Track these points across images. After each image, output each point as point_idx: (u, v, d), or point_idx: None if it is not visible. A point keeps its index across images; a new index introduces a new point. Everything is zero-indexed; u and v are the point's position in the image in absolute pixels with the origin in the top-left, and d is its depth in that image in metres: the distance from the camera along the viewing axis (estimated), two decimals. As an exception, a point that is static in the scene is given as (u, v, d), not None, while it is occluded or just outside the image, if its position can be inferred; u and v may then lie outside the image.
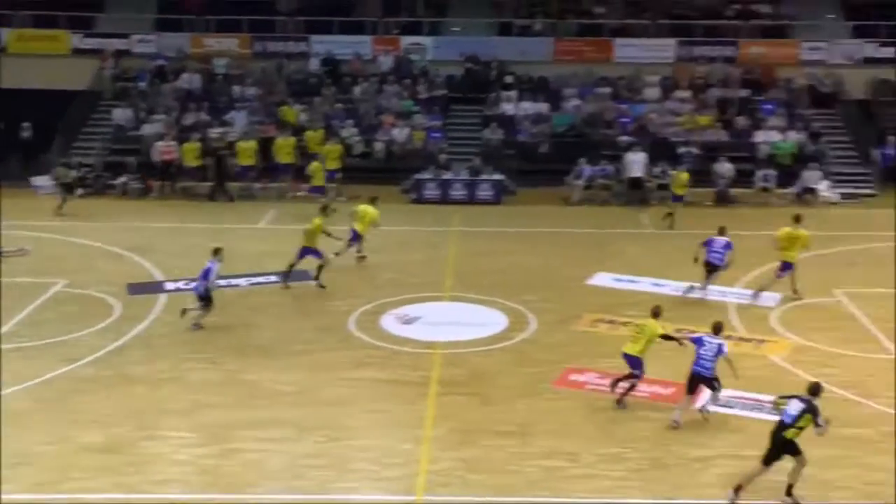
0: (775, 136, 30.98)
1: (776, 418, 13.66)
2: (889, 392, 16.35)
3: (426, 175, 30.37)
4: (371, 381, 16.76)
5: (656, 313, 16.17)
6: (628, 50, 35.11)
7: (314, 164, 28.70)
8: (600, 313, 19.97)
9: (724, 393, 16.02)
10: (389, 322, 19.44)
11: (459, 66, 35.26)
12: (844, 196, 29.17)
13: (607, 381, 16.44)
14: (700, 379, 15.33)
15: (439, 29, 37.04)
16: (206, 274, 18.94)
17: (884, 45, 34.29)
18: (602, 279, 22.23)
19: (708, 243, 20.96)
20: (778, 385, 16.32)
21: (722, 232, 21.32)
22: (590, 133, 32.14)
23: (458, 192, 29.95)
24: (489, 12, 37.31)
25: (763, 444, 14.40)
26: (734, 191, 29.24)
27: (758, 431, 14.94)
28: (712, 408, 15.48)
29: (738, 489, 13.01)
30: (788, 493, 13.02)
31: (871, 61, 34.41)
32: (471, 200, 29.81)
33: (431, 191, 30.10)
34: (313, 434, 14.69)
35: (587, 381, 16.69)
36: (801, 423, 12.93)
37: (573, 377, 16.88)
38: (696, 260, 20.92)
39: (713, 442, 14.67)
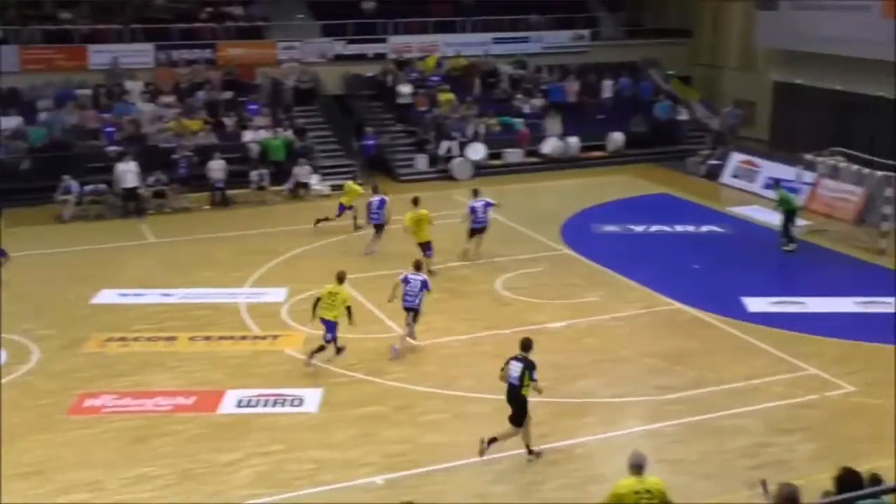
0: (264, 135, 31.63)
1: (294, 409, 13.93)
2: (397, 367, 17.44)
3: None
4: None
5: (341, 278, 17.59)
6: (104, 56, 33.81)
7: None
8: (109, 332, 19.13)
9: (247, 393, 16.22)
10: None
11: None
12: (334, 188, 30.48)
13: (125, 402, 15.95)
14: (410, 311, 18.00)
15: None
16: None
17: (351, 42, 36.33)
18: (107, 296, 21.30)
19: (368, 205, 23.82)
20: (298, 377, 16.82)
21: (375, 190, 24.36)
22: (74, 145, 30.57)
23: (-71, 222, 26.99)
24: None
25: (286, 436, 14.84)
26: (230, 192, 29.41)
27: (285, 425, 15.30)
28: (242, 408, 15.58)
29: (491, 441, 13.98)
30: (529, 451, 14.20)
31: (341, 58, 36.26)
32: (-54, 229, 27.06)
33: None
34: None
35: (104, 405, 15.94)
36: (526, 381, 13.87)
37: (88, 402, 16.04)
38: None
39: (240, 444, 14.70)
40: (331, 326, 17.28)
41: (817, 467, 13.59)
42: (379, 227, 23.92)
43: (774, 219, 25.46)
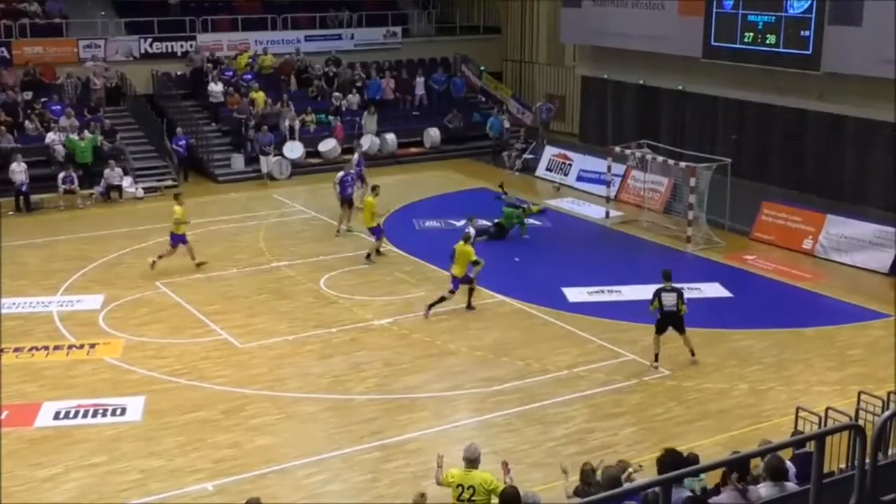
0: (71, 137, 30.28)
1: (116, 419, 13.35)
2: (223, 371, 17.10)
3: None
4: None
5: (467, 238, 20.09)
6: None
7: None
8: None
9: (65, 404, 15.61)
10: None
11: None
12: (148, 190, 29.56)
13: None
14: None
15: None
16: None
17: (157, 40, 35.22)
18: None
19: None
20: (120, 386, 16.26)
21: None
22: None
23: None
24: None
25: (109, 447, 14.34)
26: (38, 197, 28.03)
27: (108, 436, 14.78)
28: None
29: (656, 358, 17.14)
30: (692, 353, 17.38)
31: (149, 56, 35.13)
32: None
33: None
34: None
35: None
36: (680, 305, 16.92)
37: None
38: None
39: (60, 458, 14.14)
40: (454, 282, 19.73)
41: (640, 450, 14.17)
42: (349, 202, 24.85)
43: (583, 210, 26.49)
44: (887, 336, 18.52)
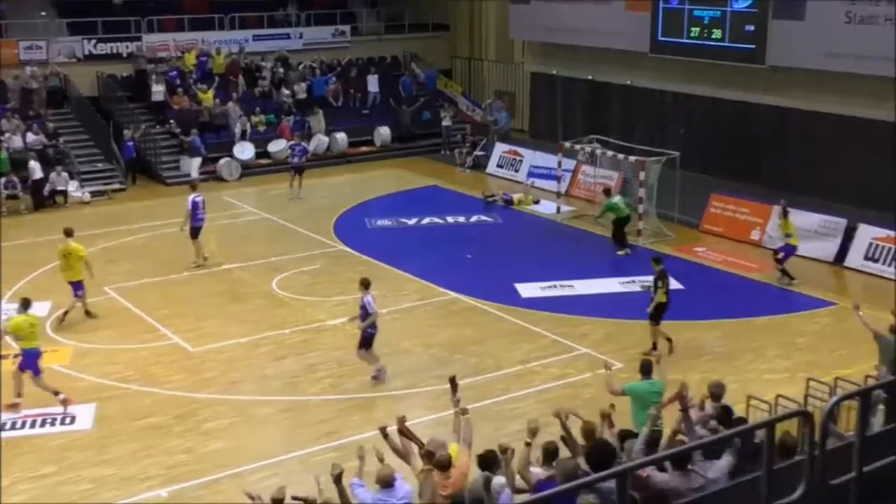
0: (16, 142, 29.73)
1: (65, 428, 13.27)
2: (175, 376, 16.91)
3: None
4: None
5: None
6: None
7: None
8: None
9: (11, 415, 15.36)
10: None
11: None
12: (94, 194, 29.15)
13: None
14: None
15: None
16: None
17: (101, 41, 34.71)
18: None
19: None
20: (68, 393, 16.05)
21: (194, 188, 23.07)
22: None
23: None
24: None
25: (59, 457, 14.14)
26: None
27: (57, 445, 14.58)
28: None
29: (654, 347, 17.10)
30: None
31: (93, 58, 34.60)
32: None
33: None
34: None
35: None
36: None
37: None
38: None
39: (6, 470, 13.71)
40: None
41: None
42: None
43: (539, 208, 26.64)
44: (833, 323, 18.80)
